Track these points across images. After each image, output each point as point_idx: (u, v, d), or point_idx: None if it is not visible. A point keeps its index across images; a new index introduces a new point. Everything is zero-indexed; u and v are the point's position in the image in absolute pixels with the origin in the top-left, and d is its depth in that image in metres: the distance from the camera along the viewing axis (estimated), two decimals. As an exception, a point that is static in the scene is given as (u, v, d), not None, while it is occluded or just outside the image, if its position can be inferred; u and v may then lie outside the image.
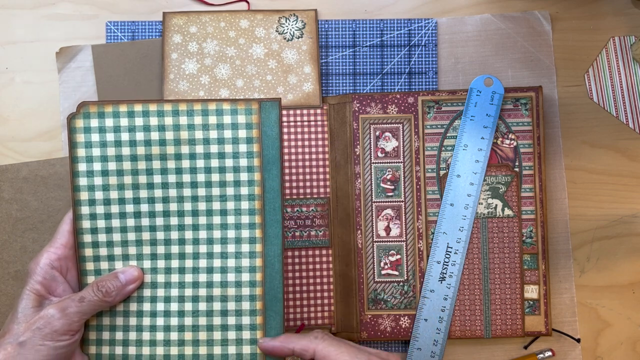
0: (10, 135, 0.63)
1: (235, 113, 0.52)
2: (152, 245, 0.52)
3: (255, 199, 0.52)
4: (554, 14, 0.65)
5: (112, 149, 0.52)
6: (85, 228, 0.52)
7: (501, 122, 0.61)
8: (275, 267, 0.52)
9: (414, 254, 0.61)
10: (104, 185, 0.52)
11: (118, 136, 0.51)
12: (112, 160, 0.52)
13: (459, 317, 0.61)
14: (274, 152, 0.52)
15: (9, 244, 0.60)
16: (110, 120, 0.51)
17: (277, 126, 0.51)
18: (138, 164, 0.52)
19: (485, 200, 0.61)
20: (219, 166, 0.52)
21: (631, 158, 0.64)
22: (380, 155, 0.62)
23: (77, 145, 0.51)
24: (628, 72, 0.64)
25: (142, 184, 0.52)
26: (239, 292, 0.52)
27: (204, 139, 0.52)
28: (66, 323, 0.48)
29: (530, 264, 0.61)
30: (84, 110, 0.52)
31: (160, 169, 0.52)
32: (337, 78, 0.64)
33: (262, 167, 0.52)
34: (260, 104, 0.52)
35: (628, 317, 0.63)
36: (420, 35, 0.64)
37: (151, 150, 0.52)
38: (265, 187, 0.52)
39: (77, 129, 0.52)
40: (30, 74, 0.64)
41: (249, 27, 0.63)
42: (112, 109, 0.51)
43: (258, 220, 0.52)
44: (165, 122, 0.52)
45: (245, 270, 0.52)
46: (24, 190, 0.60)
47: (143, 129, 0.51)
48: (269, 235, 0.52)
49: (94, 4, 0.64)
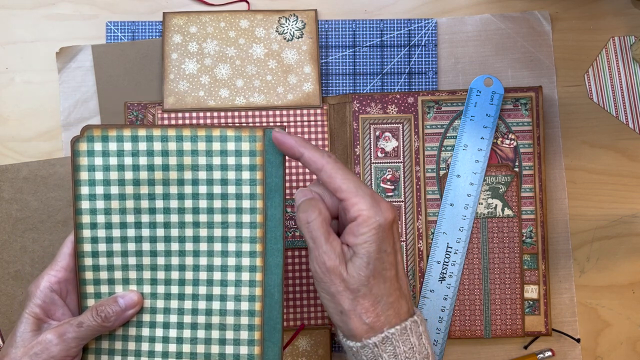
0: (10, 135, 0.63)
1: (239, 140, 0.51)
2: (152, 270, 0.52)
3: (257, 227, 0.51)
4: (554, 14, 0.65)
5: (115, 173, 0.51)
6: (86, 251, 0.52)
7: (501, 122, 0.61)
8: (275, 297, 0.51)
9: (414, 254, 0.61)
10: (105, 209, 0.51)
11: (121, 160, 0.51)
12: (114, 185, 0.51)
13: (458, 317, 0.61)
14: (277, 180, 0.51)
15: (9, 244, 0.60)
16: (114, 144, 0.51)
17: (281, 154, 0.51)
18: (140, 188, 0.51)
19: (485, 200, 0.61)
20: (222, 193, 0.52)
21: (631, 158, 0.64)
22: (380, 155, 0.62)
23: (80, 168, 0.51)
24: (628, 72, 0.64)
25: (144, 209, 0.52)
26: (237, 321, 0.52)
27: (207, 165, 0.52)
28: (64, 349, 0.48)
29: (530, 264, 0.61)
30: (87, 134, 0.51)
31: (163, 194, 0.51)
32: (337, 78, 0.64)
33: (264, 195, 0.51)
34: (265, 131, 0.51)
35: (628, 317, 0.63)
36: (420, 35, 0.64)
37: (154, 175, 0.51)
38: (267, 215, 0.51)
39: (81, 152, 0.51)
40: (30, 74, 0.64)
41: (249, 27, 0.63)
42: (116, 132, 0.51)
43: (259, 248, 0.52)
44: (169, 147, 0.51)
45: (245, 299, 0.52)
46: (24, 190, 0.60)
47: (146, 154, 0.51)
48: (269, 264, 0.52)
49: (94, 4, 0.64)
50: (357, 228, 0.46)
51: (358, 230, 0.46)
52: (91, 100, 0.63)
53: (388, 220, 0.47)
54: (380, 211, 0.47)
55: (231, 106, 0.62)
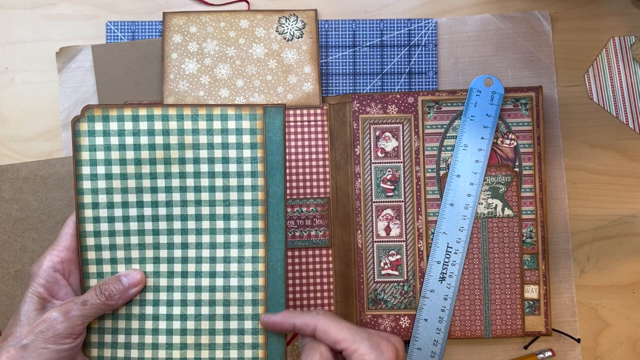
0: (10, 135, 0.63)
1: (239, 118, 0.52)
2: (154, 249, 0.52)
3: (259, 204, 0.52)
4: (554, 14, 0.65)
5: (116, 152, 0.52)
6: (88, 231, 0.52)
7: (501, 122, 0.61)
8: (278, 272, 0.52)
9: (414, 254, 0.61)
10: (107, 188, 0.52)
11: (122, 140, 0.52)
12: (115, 164, 0.52)
13: (459, 317, 0.61)
14: (277, 158, 0.52)
15: (9, 244, 0.60)
16: (114, 123, 0.52)
17: (282, 132, 0.52)
18: (142, 167, 0.52)
19: (485, 200, 0.61)
20: (223, 171, 0.52)
21: (631, 158, 0.64)
22: (380, 155, 0.62)
23: (81, 148, 0.52)
24: (628, 72, 0.64)
25: (146, 188, 0.52)
26: (241, 297, 0.52)
27: (208, 144, 0.52)
28: (69, 326, 0.48)
29: (530, 264, 0.61)
30: (88, 114, 0.52)
31: (164, 173, 0.52)
32: (337, 78, 0.64)
33: (265, 172, 0.52)
34: (265, 109, 0.52)
35: (628, 317, 0.63)
36: (420, 35, 0.64)
37: (155, 154, 0.52)
38: (268, 192, 0.52)
39: (82, 132, 0.52)
40: (30, 74, 0.64)
41: (249, 27, 0.63)
42: (117, 112, 0.52)
43: (261, 225, 0.52)
44: (170, 126, 0.52)
45: (248, 275, 0.52)
46: (24, 190, 0.60)
47: (147, 133, 0.52)
48: (272, 240, 0.52)
49: (94, 4, 0.64)
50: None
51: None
52: (91, 100, 0.63)
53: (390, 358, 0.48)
54: (381, 354, 0.48)
55: (231, 106, 0.62)
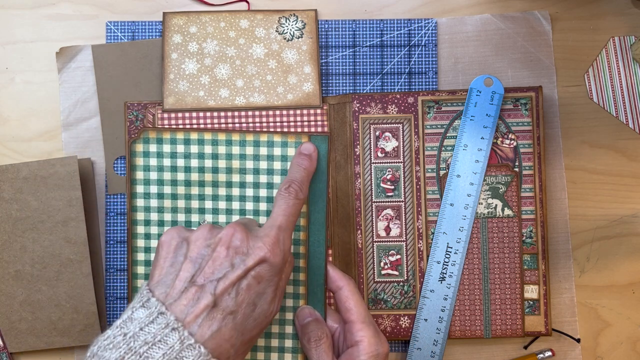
0: (10, 135, 0.63)
1: (285, 145, 0.55)
2: None
3: (300, 230, 0.54)
4: (554, 14, 0.65)
5: (168, 173, 0.55)
6: (139, 247, 0.55)
7: (501, 122, 0.61)
8: (318, 296, 0.54)
9: (414, 254, 0.61)
10: (159, 207, 0.55)
11: (174, 162, 0.55)
12: (167, 185, 0.55)
13: (459, 317, 0.61)
14: (321, 186, 0.54)
15: (9, 244, 0.60)
16: (167, 146, 0.55)
17: (325, 160, 0.54)
18: (191, 189, 0.55)
19: (485, 200, 0.61)
20: (267, 196, 0.55)
21: (631, 158, 0.64)
22: (380, 155, 0.62)
23: (137, 168, 0.55)
24: (628, 72, 0.64)
25: (194, 209, 0.55)
26: (282, 316, 0.54)
27: (254, 169, 0.55)
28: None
29: (530, 264, 0.61)
30: (144, 136, 0.55)
31: (212, 195, 0.54)
32: (337, 78, 0.64)
33: (308, 199, 0.54)
34: (310, 137, 0.54)
35: (628, 317, 0.63)
36: (420, 35, 0.64)
37: (204, 176, 0.55)
38: (310, 219, 0.54)
39: (137, 152, 0.55)
40: (30, 74, 0.64)
41: (249, 27, 0.63)
42: (170, 135, 0.55)
43: (302, 250, 0.54)
44: (219, 150, 0.55)
45: (289, 297, 0.54)
46: (24, 190, 0.60)
47: (198, 156, 0.55)
48: (312, 265, 0.54)
49: (94, 4, 0.64)
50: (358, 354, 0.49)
51: (359, 357, 0.49)
52: (91, 100, 0.63)
53: (385, 353, 0.50)
54: (380, 342, 0.50)
55: (231, 106, 0.62)
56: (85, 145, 0.63)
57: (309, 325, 0.51)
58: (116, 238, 0.62)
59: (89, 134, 0.63)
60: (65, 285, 0.60)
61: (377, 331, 0.50)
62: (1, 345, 0.60)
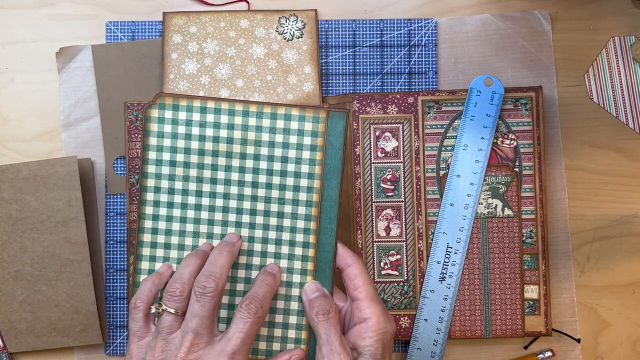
0: (10, 135, 0.63)
1: (302, 119, 0.53)
2: (208, 238, 0.54)
3: (313, 206, 0.53)
4: (554, 14, 0.65)
5: (182, 141, 0.54)
6: (147, 214, 0.54)
7: (501, 122, 0.61)
8: (326, 273, 0.53)
9: (414, 254, 0.61)
10: (170, 175, 0.54)
11: (189, 130, 0.54)
12: (180, 152, 0.54)
13: (459, 317, 0.61)
14: (336, 162, 0.53)
15: (9, 244, 0.60)
16: (183, 113, 0.54)
17: (342, 137, 0.53)
18: (205, 158, 0.54)
19: (485, 200, 0.61)
20: (281, 170, 0.54)
21: (631, 158, 0.64)
22: (380, 155, 0.62)
23: (150, 133, 0.54)
24: (628, 72, 0.64)
25: (206, 178, 0.54)
26: (289, 292, 0.54)
27: (270, 142, 0.54)
28: None
29: (530, 264, 0.61)
30: (160, 101, 0.54)
31: (225, 165, 0.54)
32: (337, 78, 0.64)
33: (322, 175, 0.53)
34: (329, 113, 0.53)
35: (628, 317, 0.63)
36: (420, 35, 0.64)
37: (218, 146, 0.54)
38: (323, 195, 0.53)
39: (152, 118, 0.54)
40: (30, 74, 0.64)
41: (249, 27, 0.63)
42: (187, 102, 0.54)
43: (313, 226, 0.53)
44: (235, 121, 0.54)
45: (297, 272, 0.54)
46: (24, 190, 0.60)
47: (213, 126, 0.54)
48: (322, 242, 0.53)
49: (94, 4, 0.64)
50: (366, 331, 0.49)
51: (367, 333, 0.49)
52: (91, 100, 0.63)
53: (393, 331, 0.50)
54: (388, 321, 0.50)
55: (231, 106, 0.62)
56: (85, 145, 0.63)
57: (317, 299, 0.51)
58: (116, 238, 0.62)
59: (89, 134, 0.63)
60: (65, 286, 0.60)
61: (385, 310, 0.50)
62: (1, 345, 0.60)
